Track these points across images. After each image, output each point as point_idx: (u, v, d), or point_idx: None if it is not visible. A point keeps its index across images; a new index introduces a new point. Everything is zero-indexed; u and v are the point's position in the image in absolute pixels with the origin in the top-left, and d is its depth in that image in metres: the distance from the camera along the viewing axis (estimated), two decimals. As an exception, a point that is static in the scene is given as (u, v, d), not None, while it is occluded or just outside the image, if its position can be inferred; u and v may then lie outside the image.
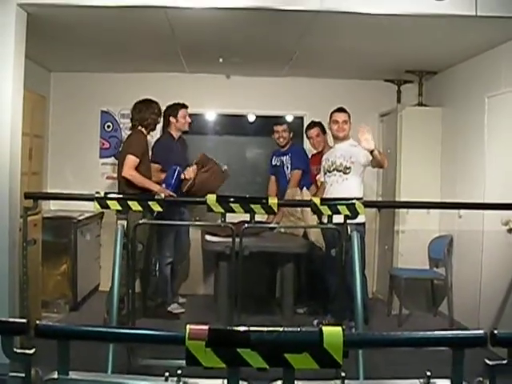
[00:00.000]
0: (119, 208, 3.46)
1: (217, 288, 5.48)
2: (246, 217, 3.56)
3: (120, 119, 6.37)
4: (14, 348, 1.42)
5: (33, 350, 1.44)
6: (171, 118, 5.40)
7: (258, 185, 6.73)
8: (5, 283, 3.75)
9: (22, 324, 1.45)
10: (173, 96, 5.60)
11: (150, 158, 5.22)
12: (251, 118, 6.78)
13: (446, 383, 1.50)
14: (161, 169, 5.30)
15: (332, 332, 1.38)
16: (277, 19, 4.06)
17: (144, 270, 5.31)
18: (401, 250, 5.66)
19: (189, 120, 5.44)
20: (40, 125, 5.48)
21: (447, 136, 5.67)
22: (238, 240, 3.58)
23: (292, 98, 6.39)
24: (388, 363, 3.49)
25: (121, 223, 3.50)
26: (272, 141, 5.97)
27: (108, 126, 6.41)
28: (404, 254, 5.64)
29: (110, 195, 3.52)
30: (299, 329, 1.41)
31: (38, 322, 1.49)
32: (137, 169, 4.85)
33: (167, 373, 1.56)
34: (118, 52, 5.37)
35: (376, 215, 5.85)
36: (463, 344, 1.46)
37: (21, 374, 1.43)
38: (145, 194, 4.55)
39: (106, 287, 4.07)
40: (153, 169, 5.20)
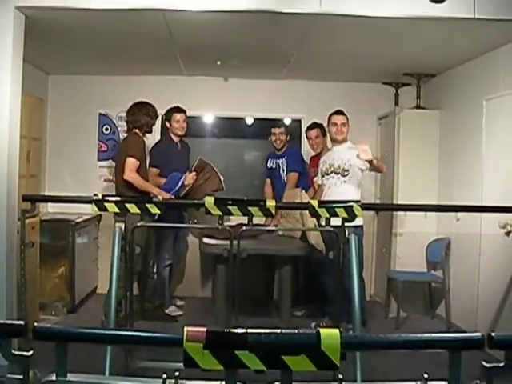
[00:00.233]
0: (117, 210, 3.46)
1: (215, 290, 5.46)
2: (244, 219, 3.56)
3: (118, 122, 6.36)
4: (12, 350, 1.43)
5: (31, 352, 1.45)
6: (166, 123, 5.43)
7: (256, 187, 6.72)
8: (3, 286, 3.74)
9: (20, 326, 1.45)
10: (170, 99, 5.61)
11: (149, 162, 5.22)
12: (249, 121, 6.79)
13: (444, 385, 1.50)
14: (159, 173, 5.29)
15: (329, 334, 1.38)
16: (275, 22, 4.05)
17: (142, 273, 5.30)
18: (398, 253, 5.66)
19: (183, 125, 5.40)
20: (38, 127, 5.49)
21: (445, 139, 5.67)
22: (236, 242, 3.58)
23: (290, 101, 6.38)
24: (385, 365, 3.50)
25: (119, 225, 3.50)
26: (270, 144, 5.97)
27: (106, 129, 6.40)
28: (402, 257, 5.63)
29: (108, 197, 3.51)
30: (297, 331, 1.41)
31: (36, 324, 1.50)
32: (137, 171, 4.85)
33: (165, 375, 1.56)
34: (116, 55, 5.36)
35: (374, 218, 5.86)
36: (460, 346, 1.47)
37: (19, 376, 1.43)
38: (143, 197, 4.55)
39: (104, 289, 4.06)
40: (151, 173, 5.19)
